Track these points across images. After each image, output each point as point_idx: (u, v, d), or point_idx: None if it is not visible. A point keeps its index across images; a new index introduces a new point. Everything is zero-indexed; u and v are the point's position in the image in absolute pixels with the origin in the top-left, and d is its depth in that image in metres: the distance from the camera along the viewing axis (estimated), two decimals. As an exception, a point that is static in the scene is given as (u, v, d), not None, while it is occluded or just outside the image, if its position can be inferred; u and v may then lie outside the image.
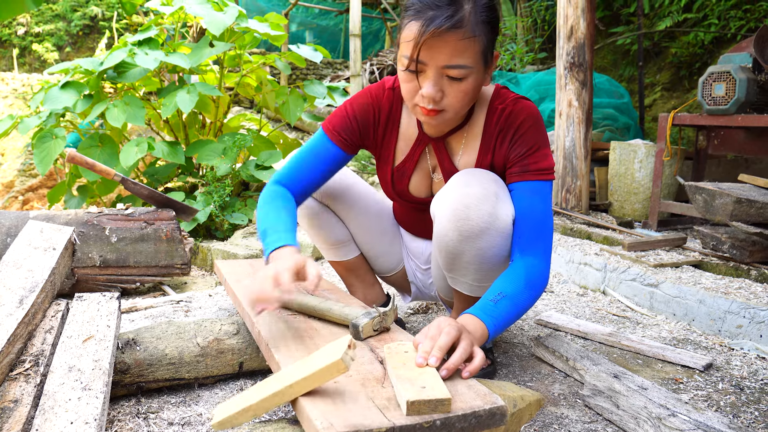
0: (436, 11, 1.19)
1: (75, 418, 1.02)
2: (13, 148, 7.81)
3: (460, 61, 1.22)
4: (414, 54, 1.22)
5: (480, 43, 1.23)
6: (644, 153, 3.47)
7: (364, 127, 1.51)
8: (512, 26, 7.30)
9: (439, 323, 1.09)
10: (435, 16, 1.19)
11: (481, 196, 1.30)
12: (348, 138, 1.50)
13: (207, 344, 1.44)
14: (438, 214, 1.37)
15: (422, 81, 1.26)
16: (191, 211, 2.79)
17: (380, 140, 1.54)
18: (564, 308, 2.20)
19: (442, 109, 1.29)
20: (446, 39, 1.20)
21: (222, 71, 4.25)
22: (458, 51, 1.21)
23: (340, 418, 0.88)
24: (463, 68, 1.23)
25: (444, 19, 1.18)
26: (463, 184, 1.33)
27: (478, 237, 1.32)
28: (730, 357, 1.75)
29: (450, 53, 1.21)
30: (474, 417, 0.92)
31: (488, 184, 1.33)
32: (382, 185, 1.63)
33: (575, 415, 1.36)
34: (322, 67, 9.58)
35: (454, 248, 1.36)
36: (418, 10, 1.22)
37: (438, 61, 1.22)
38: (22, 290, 1.38)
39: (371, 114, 1.51)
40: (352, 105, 1.51)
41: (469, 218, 1.30)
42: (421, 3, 1.22)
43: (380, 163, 1.59)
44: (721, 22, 5.68)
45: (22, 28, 11.93)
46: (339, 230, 1.69)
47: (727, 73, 2.94)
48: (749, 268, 2.28)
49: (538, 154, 1.37)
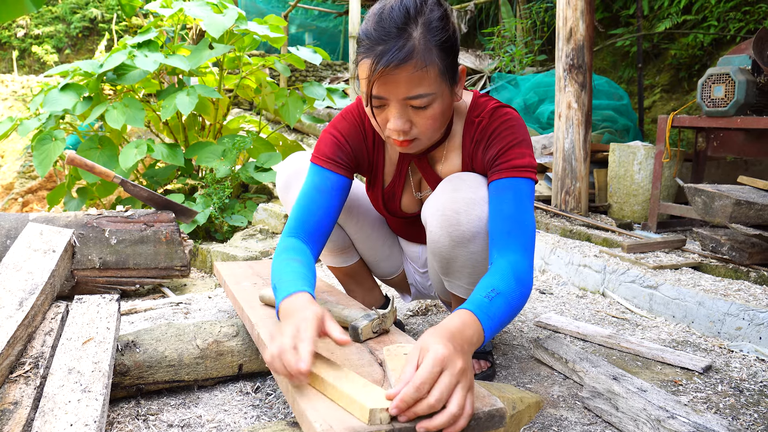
0: (384, 45, 1.14)
1: (75, 420, 1.02)
2: (13, 150, 7.81)
3: (419, 90, 1.17)
4: (369, 91, 1.18)
5: (435, 68, 1.18)
6: (643, 155, 3.47)
7: (357, 148, 1.46)
8: (511, 28, 7.30)
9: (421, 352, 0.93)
10: (383, 51, 1.13)
11: (470, 201, 1.30)
12: (344, 161, 1.42)
13: (206, 346, 1.44)
14: (429, 220, 1.37)
15: (388, 114, 1.22)
16: (191, 213, 2.79)
17: (371, 161, 1.51)
18: (563, 310, 2.20)
19: (414, 138, 1.25)
20: (399, 73, 1.14)
21: (221, 73, 4.26)
22: (414, 82, 1.16)
23: (339, 420, 0.88)
24: (423, 97, 1.18)
25: (392, 55, 1.13)
26: (451, 188, 1.33)
27: (470, 242, 1.32)
28: (730, 359, 1.75)
29: (407, 86, 1.16)
30: (473, 419, 0.92)
31: (477, 188, 1.32)
32: (374, 205, 1.61)
33: (574, 417, 1.36)
34: (321, 68, 9.58)
35: (447, 253, 1.36)
36: (367, 47, 1.17)
37: (397, 95, 1.17)
38: (22, 292, 1.38)
39: (360, 135, 1.46)
40: (337, 128, 1.45)
41: (460, 223, 1.30)
42: (369, 39, 1.17)
43: (370, 185, 1.56)
44: (720, 24, 5.68)
45: (22, 30, 11.94)
46: (339, 237, 1.69)
47: (726, 75, 2.95)
48: (748, 269, 2.28)
49: (512, 152, 1.30)
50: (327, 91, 4.29)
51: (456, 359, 0.91)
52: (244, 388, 1.47)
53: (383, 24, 1.16)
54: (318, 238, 1.37)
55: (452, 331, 0.97)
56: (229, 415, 1.33)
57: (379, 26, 1.16)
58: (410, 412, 0.87)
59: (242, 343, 1.48)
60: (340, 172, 1.41)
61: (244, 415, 1.33)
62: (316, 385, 1.00)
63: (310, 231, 1.36)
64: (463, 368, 0.91)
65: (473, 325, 1.02)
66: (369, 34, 1.17)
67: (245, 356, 1.47)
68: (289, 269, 1.22)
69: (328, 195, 1.39)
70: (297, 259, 1.26)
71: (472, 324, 1.02)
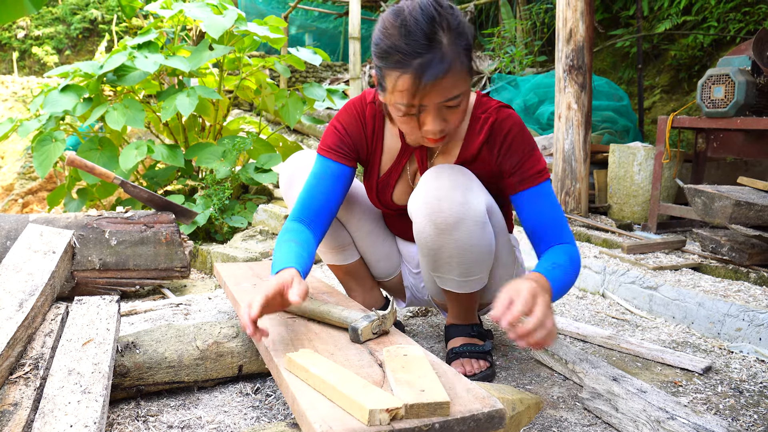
0: (422, 59, 1.17)
1: (74, 421, 1.02)
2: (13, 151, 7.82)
3: (455, 92, 1.23)
4: (413, 102, 1.22)
5: (465, 69, 1.25)
6: (643, 155, 3.47)
7: (357, 139, 1.52)
8: (511, 29, 7.30)
9: (518, 288, 1.11)
10: (424, 65, 1.17)
11: (450, 187, 1.33)
12: (345, 151, 1.50)
13: (206, 347, 1.44)
14: (413, 211, 1.40)
15: (424, 118, 1.27)
16: (191, 214, 2.79)
17: (368, 152, 1.55)
18: (563, 311, 2.20)
19: (446, 134, 1.32)
20: (440, 83, 1.20)
21: (221, 74, 4.26)
22: (452, 86, 1.22)
23: (339, 421, 0.89)
24: (458, 97, 1.25)
25: (435, 68, 1.17)
26: (432, 178, 1.36)
27: (454, 228, 1.34)
28: (729, 360, 1.75)
29: (446, 91, 1.22)
30: (473, 420, 0.92)
31: (457, 176, 1.36)
32: (368, 195, 1.65)
33: (574, 418, 1.36)
34: (321, 69, 9.59)
35: (432, 243, 1.38)
36: (400, 61, 1.19)
37: (436, 100, 1.23)
38: (22, 294, 1.39)
39: (360, 126, 1.52)
40: (339, 121, 1.52)
41: (442, 210, 1.33)
42: (399, 51, 1.19)
43: (366, 176, 1.61)
44: (720, 25, 5.68)
45: (22, 31, 11.95)
46: (340, 234, 1.70)
47: (726, 76, 2.95)
48: (748, 270, 2.28)
49: (532, 160, 1.41)
50: (327, 92, 4.29)
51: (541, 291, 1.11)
52: (244, 389, 1.47)
53: (413, 36, 1.19)
54: (319, 222, 1.46)
55: (531, 278, 1.18)
56: (229, 416, 1.33)
57: (409, 39, 1.19)
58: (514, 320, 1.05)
59: (242, 344, 1.48)
60: (340, 161, 1.49)
61: (243, 417, 1.33)
62: (315, 385, 1.01)
63: (311, 216, 1.45)
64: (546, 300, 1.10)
65: (543, 279, 1.21)
66: (399, 48, 1.19)
67: (245, 357, 1.47)
68: (284, 249, 1.33)
69: (330, 182, 1.48)
70: (294, 239, 1.37)
71: (543, 279, 1.21)
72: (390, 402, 0.90)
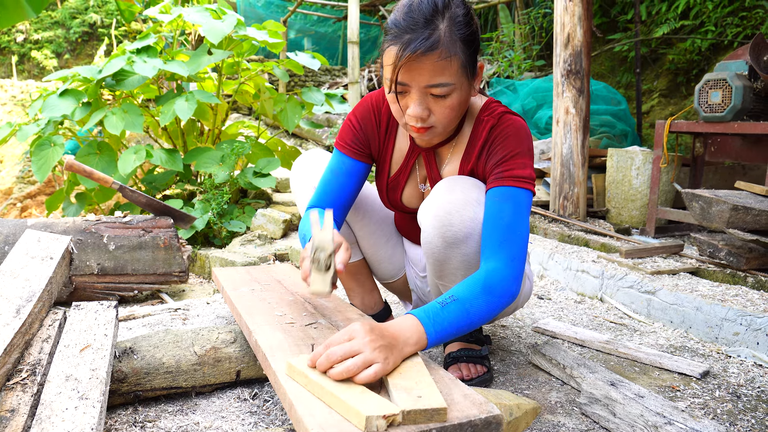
0: (412, 35, 1.22)
1: (72, 427, 1.02)
2: (12, 155, 7.82)
3: (441, 79, 1.24)
4: (394, 77, 1.26)
5: (458, 60, 1.25)
6: (641, 160, 3.48)
7: (371, 135, 1.54)
8: (510, 33, 7.33)
9: (350, 331, 1.06)
10: (411, 39, 1.21)
11: (462, 202, 1.33)
12: (359, 147, 1.53)
13: (204, 353, 1.44)
14: (423, 221, 1.40)
15: (408, 101, 1.29)
16: (189, 219, 2.79)
17: (381, 149, 1.57)
18: (561, 316, 2.20)
19: (430, 126, 1.32)
20: (424, 61, 1.22)
21: (220, 79, 4.26)
22: (437, 71, 1.23)
23: (336, 427, 0.89)
24: (444, 86, 1.25)
25: (419, 42, 1.20)
26: (445, 191, 1.36)
27: (462, 243, 1.34)
28: (727, 364, 1.75)
29: (430, 74, 1.23)
30: (470, 426, 0.92)
31: (470, 190, 1.35)
32: (379, 195, 1.66)
33: (572, 423, 1.36)
34: (320, 74, 9.61)
35: (440, 254, 1.39)
36: (395, 35, 1.24)
37: (419, 82, 1.25)
38: (19, 300, 1.38)
39: (373, 121, 1.54)
40: (355, 115, 1.55)
41: (452, 224, 1.33)
42: (397, 27, 1.24)
43: (378, 173, 1.62)
44: (718, 29, 5.71)
45: (21, 35, 11.96)
46: (344, 233, 1.70)
47: (723, 81, 2.96)
48: (746, 275, 2.28)
49: (514, 162, 1.34)
50: (325, 96, 4.29)
51: (374, 340, 1.03)
52: (241, 394, 1.47)
53: (412, 15, 1.24)
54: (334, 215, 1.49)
55: (386, 326, 1.10)
56: (226, 421, 1.33)
57: (408, 16, 1.24)
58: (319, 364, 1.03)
59: (240, 349, 1.48)
60: (355, 157, 1.53)
61: (241, 422, 1.33)
62: (314, 391, 1.01)
63: (326, 205, 1.51)
64: (382, 350, 1.03)
65: (412, 328, 1.11)
66: (397, 23, 1.25)
67: (243, 362, 1.47)
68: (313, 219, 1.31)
69: (343, 177, 1.53)
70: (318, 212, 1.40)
71: (411, 327, 1.11)
72: (387, 408, 0.90)
